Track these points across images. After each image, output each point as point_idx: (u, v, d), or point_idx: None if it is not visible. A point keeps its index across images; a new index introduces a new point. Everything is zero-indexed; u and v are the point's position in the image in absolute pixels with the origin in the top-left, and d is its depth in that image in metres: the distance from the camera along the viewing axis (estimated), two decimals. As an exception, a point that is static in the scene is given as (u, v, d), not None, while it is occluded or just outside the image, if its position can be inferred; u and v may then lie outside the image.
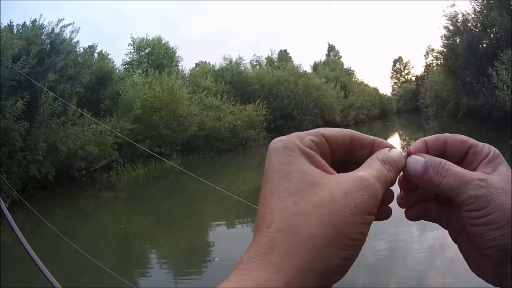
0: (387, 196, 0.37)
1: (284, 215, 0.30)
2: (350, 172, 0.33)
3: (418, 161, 0.36)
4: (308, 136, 0.35)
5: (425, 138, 0.39)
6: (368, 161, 0.35)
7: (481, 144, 0.38)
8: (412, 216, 0.41)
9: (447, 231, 0.41)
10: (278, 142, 0.34)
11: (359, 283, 4.19)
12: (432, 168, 0.36)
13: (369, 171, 0.33)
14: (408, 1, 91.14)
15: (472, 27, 18.87)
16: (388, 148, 0.37)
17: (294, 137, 0.34)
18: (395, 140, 21.98)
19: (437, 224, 0.41)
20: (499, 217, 0.33)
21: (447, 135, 0.39)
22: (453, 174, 0.35)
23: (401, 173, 0.37)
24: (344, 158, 0.37)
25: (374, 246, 4.91)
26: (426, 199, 0.40)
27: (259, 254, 0.29)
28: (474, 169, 0.37)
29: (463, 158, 0.38)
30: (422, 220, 0.42)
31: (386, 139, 0.37)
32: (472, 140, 0.38)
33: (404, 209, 0.40)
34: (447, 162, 0.36)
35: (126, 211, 10.46)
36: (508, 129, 11.80)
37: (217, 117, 20.88)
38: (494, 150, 0.37)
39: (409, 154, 0.37)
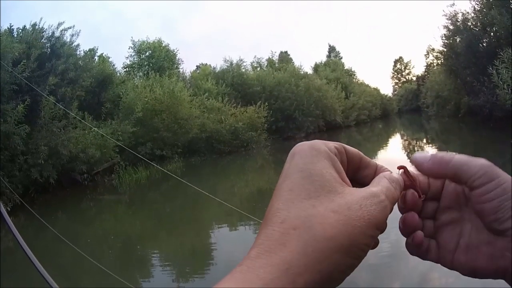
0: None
1: (301, 214, 0.31)
2: (363, 188, 0.35)
3: (424, 153, 0.39)
4: (331, 143, 0.37)
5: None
6: (377, 179, 0.37)
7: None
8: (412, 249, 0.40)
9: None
10: (304, 144, 0.36)
11: (362, 283, 4.18)
12: (439, 154, 0.38)
13: (379, 187, 0.35)
14: (408, 1, 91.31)
15: (472, 26, 18.91)
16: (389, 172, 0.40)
17: (319, 141, 0.37)
18: (397, 140, 21.89)
19: None
20: (509, 187, 0.34)
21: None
22: (460, 155, 0.37)
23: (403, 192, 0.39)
24: (350, 174, 0.39)
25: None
26: (426, 217, 0.41)
27: (269, 250, 0.29)
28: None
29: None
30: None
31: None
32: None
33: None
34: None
35: (128, 214, 10.46)
36: (508, 128, 11.79)
37: (218, 119, 20.86)
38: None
39: (402, 168, 0.40)
